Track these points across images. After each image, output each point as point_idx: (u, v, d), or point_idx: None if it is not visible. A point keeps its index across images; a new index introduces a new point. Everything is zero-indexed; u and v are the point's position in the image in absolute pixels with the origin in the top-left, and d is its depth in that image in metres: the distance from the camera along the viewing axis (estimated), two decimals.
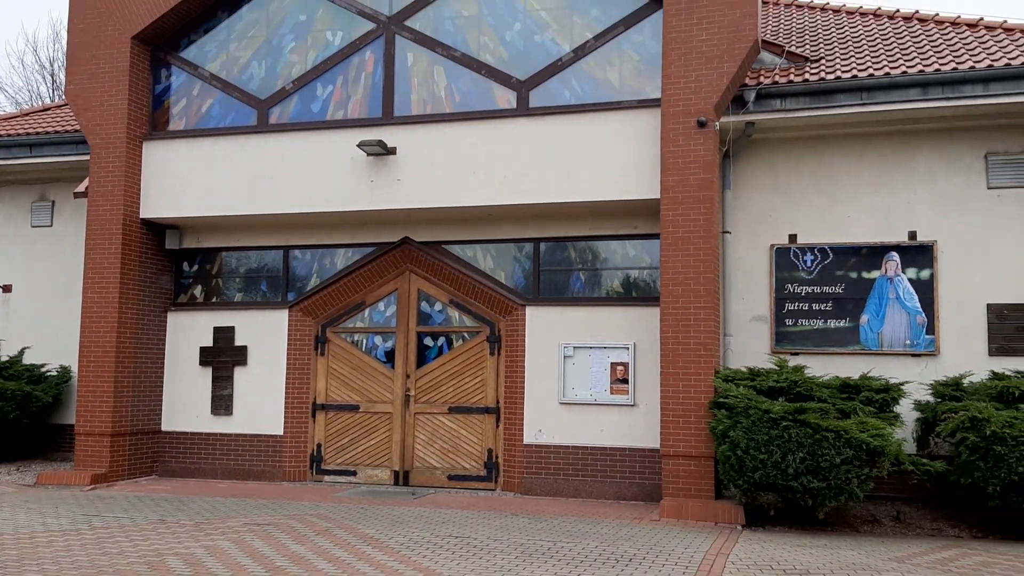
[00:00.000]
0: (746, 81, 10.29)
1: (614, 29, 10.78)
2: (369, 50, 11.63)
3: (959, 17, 11.73)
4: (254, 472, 11.94)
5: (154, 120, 12.35)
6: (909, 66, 10.11)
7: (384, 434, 11.76)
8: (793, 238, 10.74)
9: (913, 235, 10.39)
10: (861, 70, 10.20)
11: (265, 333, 12.12)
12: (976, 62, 9.89)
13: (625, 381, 10.74)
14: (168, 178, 12.00)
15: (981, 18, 11.47)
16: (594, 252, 11.20)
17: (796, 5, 14.43)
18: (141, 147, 12.11)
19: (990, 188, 10.25)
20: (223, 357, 12.25)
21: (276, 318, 12.12)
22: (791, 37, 12.30)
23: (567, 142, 10.60)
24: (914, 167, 10.46)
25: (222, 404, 12.17)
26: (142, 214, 12.05)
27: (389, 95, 11.45)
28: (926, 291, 10.28)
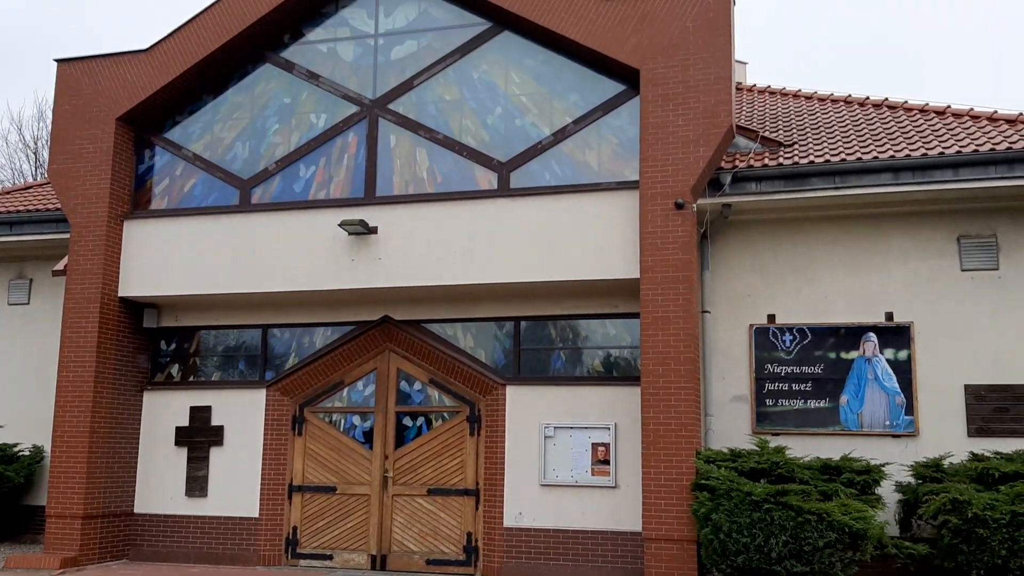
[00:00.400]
0: (722, 164, 10.50)
1: (593, 114, 11.01)
2: (352, 132, 11.79)
3: (927, 105, 12.06)
4: (228, 556, 11.64)
5: (136, 199, 12.38)
6: (880, 151, 10.36)
7: (361, 516, 11.54)
8: (772, 318, 10.81)
9: (890, 316, 10.49)
10: (834, 155, 10.42)
11: (242, 413, 11.97)
12: (945, 148, 10.12)
13: (607, 462, 10.63)
14: (148, 257, 11.98)
15: (948, 106, 11.78)
16: (575, 331, 11.21)
17: (770, 92, 14.84)
18: (122, 226, 12.11)
19: (963, 270, 10.38)
20: (199, 437, 12.05)
21: (253, 398, 11.98)
22: (765, 123, 12.60)
23: (547, 222, 10.71)
24: (888, 249, 10.59)
25: (197, 485, 11.93)
26: (121, 292, 11.99)
27: (371, 175, 11.56)
28: (904, 372, 10.32)
